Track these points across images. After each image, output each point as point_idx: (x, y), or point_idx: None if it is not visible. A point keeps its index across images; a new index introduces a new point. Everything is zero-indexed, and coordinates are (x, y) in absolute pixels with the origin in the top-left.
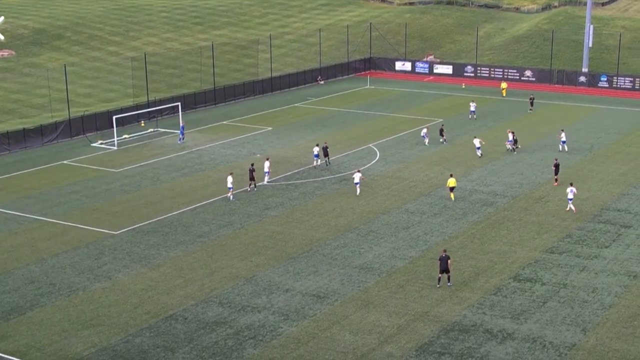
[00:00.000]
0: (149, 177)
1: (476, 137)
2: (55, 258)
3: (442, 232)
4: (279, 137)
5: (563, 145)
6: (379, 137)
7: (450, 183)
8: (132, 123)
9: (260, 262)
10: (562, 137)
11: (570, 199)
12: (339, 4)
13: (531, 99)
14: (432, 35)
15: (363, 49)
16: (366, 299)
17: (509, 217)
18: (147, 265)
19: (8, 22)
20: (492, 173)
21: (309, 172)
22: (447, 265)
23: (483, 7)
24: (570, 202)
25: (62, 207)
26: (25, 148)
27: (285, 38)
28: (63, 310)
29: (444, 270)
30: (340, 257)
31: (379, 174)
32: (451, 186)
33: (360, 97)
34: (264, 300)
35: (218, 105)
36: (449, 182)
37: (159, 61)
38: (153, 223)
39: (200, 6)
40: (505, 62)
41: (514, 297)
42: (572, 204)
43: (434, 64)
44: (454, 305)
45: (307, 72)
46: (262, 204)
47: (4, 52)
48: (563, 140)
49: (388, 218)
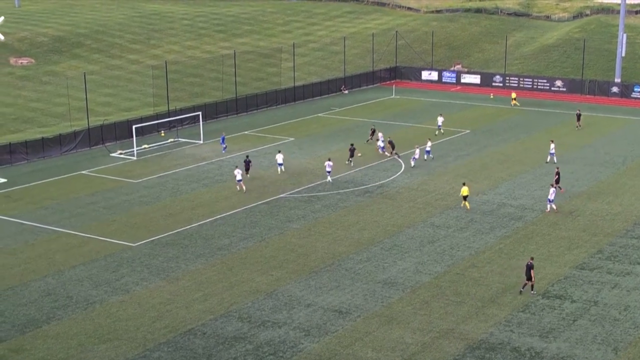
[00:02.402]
0: (168, 188)
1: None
2: (72, 270)
3: (468, 247)
4: (301, 148)
5: (552, 157)
6: (405, 148)
7: (463, 192)
8: (152, 133)
9: (281, 276)
10: (552, 148)
11: (550, 200)
12: (364, 11)
13: (578, 115)
14: (460, 44)
15: (388, 57)
16: (390, 315)
17: (538, 232)
18: (166, 278)
19: (27, 29)
20: (521, 186)
21: (332, 184)
22: (530, 273)
23: (512, 15)
24: (551, 203)
25: (80, 218)
26: (44, 157)
27: (309, 46)
28: (80, 324)
29: (528, 278)
30: (363, 272)
31: (403, 186)
32: (464, 195)
33: (386, 107)
34: (284, 316)
35: (240, 114)
36: (462, 191)
37: (180, 69)
38: (172, 235)
39: (223, 14)
40: (534, 71)
41: (542, 315)
42: (553, 205)
43: (462, 74)
44: (481, 322)
45: (331, 82)
46: (283, 217)
47: (24, 60)
48: (551, 152)
49: (413, 232)
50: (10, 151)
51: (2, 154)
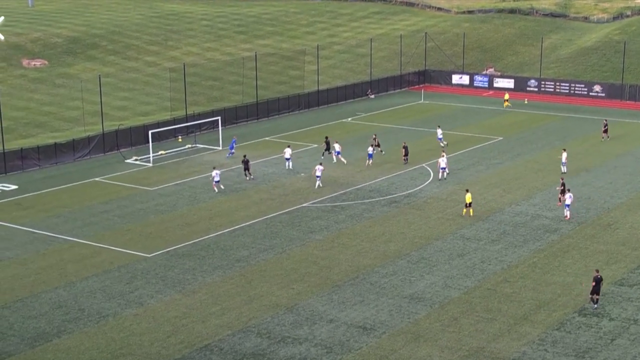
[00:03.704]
0: (185, 196)
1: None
2: (84, 282)
3: (500, 261)
4: (325, 156)
5: (562, 167)
6: (433, 156)
7: (467, 199)
8: (168, 138)
9: (303, 290)
10: (563, 157)
11: (567, 205)
12: (392, 12)
13: (605, 126)
14: (493, 47)
15: (417, 60)
16: (416, 332)
17: (575, 245)
18: (182, 291)
19: (41, 30)
20: (557, 197)
21: (357, 193)
22: (599, 286)
23: (548, 16)
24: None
25: (93, 227)
26: (56, 163)
27: (333, 48)
28: (92, 338)
29: (595, 292)
30: (389, 286)
31: (432, 195)
32: (468, 202)
33: (414, 112)
34: (305, 331)
35: (261, 120)
36: (467, 198)
37: (198, 72)
38: (189, 246)
39: (244, 14)
40: (572, 75)
41: (578, 333)
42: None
43: (494, 78)
44: (513, 340)
45: (356, 85)
46: (305, 227)
47: (37, 61)
48: (563, 162)
49: (442, 244)
50: (22, 157)
51: (14, 159)
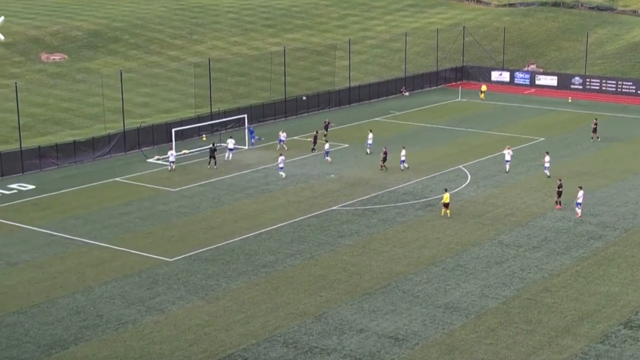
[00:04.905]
0: (209, 198)
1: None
2: (103, 287)
3: (541, 269)
4: (356, 156)
5: (545, 171)
6: (471, 157)
7: (445, 199)
8: (192, 137)
9: (331, 298)
10: (546, 161)
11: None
12: (428, 4)
13: (595, 125)
14: (535, 42)
15: (455, 56)
16: (451, 344)
17: (621, 253)
18: (205, 297)
19: (60, 23)
20: (602, 201)
21: (389, 196)
22: None
23: (594, 10)
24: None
25: (113, 230)
26: (75, 163)
27: (366, 43)
28: (110, 346)
29: None
30: (422, 295)
31: (469, 199)
32: (445, 202)
33: (451, 111)
34: (334, 341)
35: (289, 118)
36: (444, 198)
37: (224, 68)
38: (212, 250)
39: (272, 6)
40: (619, 73)
41: (624, 347)
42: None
43: (536, 75)
44: (554, 354)
45: (390, 82)
46: (335, 232)
47: (56, 56)
48: (546, 166)
49: (479, 251)
50: (40, 155)
51: (31, 158)
